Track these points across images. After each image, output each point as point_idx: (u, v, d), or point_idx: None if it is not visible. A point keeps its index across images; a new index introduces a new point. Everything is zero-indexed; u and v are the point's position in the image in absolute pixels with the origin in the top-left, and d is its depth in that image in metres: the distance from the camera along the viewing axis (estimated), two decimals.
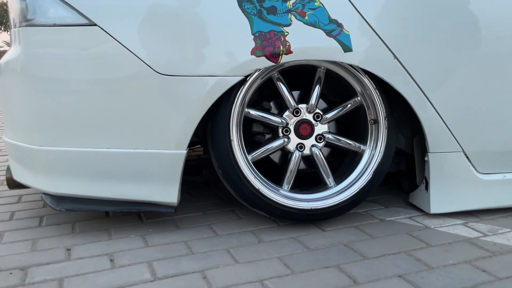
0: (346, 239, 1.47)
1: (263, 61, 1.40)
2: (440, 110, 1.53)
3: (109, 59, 1.38)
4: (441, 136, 1.56)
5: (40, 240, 1.50)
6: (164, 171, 1.45)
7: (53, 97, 1.40)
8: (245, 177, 1.50)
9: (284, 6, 1.41)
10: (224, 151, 1.48)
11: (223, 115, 1.48)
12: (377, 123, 1.59)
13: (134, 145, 1.42)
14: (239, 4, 1.39)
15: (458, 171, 1.61)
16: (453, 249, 1.38)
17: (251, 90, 1.51)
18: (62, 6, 1.36)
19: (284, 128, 1.60)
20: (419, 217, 1.65)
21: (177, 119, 1.41)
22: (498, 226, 1.56)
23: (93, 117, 1.40)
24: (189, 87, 1.39)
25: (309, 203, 1.55)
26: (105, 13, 1.36)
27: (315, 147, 1.61)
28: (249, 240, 1.47)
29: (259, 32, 1.39)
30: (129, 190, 1.46)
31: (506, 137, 1.62)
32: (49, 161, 1.44)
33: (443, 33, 1.50)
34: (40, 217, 1.72)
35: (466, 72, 1.53)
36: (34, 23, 1.38)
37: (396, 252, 1.37)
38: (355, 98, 1.61)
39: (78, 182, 1.44)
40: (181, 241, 1.47)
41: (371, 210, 1.74)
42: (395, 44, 1.46)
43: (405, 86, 1.50)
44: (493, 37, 1.54)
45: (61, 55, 1.39)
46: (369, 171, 1.59)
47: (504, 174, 1.65)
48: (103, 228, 1.59)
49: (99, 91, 1.39)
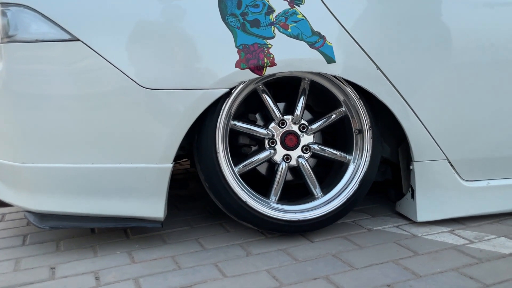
0: (334, 249, 1.47)
1: (247, 74, 1.41)
2: (423, 119, 1.55)
3: (93, 74, 1.37)
4: (425, 144, 1.58)
5: (23, 259, 1.47)
6: (150, 185, 1.43)
7: (36, 113, 1.38)
8: (232, 189, 1.49)
9: (267, 19, 1.42)
10: (210, 164, 1.48)
11: (209, 128, 1.48)
12: (362, 133, 1.61)
13: (119, 160, 1.41)
14: (222, 18, 1.40)
15: (443, 179, 1.62)
16: (441, 257, 1.39)
17: (237, 103, 1.52)
18: (45, 22, 1.36)
19: (270, 139, 1.60)
20: (406, 226, 1.66)
21: (162, 132, 1.40)
22: (484, 233, 1.57)
23: (77, 133, 1.38)
24: (174, 101, 1.39)
25: (296, 214, 1.54)
26: (88, 28, 1.36)
27: (301, 158, 1.61)
28: (237, 253, 1.46)
29: (243, 45, 1.40)
30: (114, 205, 1.44)
31: (488, 144, 1.64)
32: (32, 178, 1.41)
33: (424, 44, 1.53)
34: (24, 236, 1.68)
35: (447, 81, 1.56)
36: (16, 39, 1.37)
37: (384, 262, 1.37)
38: (340, 109, 1.62)
39: (62, 199, 1.42)
40: (168, 257, 1.45)
41: (359, 219, 1.74)
42: (378, 55, 1.49)
43: (388, 96, 1.52)
44: (473, 47, 1.57)
45: (44, 70, 1.38)
46: (355, 180, 1.60)
47: (488, 181, 1.67)
48: (88, 245, 1.56)
49: (83, 107, 1.38)
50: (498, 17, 1.58)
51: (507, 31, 1.59)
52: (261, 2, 1.42)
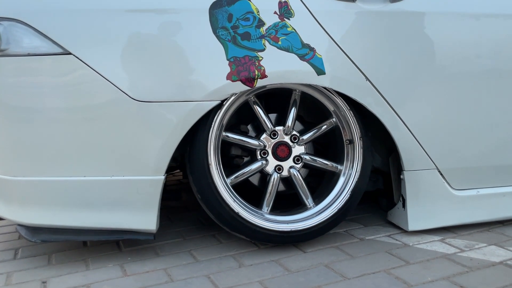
0: (327, 259, 1.47)
1: (239, 86, 1.43)
2: (413, 129, 1.58)
3: (85, 87, 1.38)
4: (415, 154, 1.60)
5: (15, 273, 1.46)
6: (142, 197, 1.44)
7: (27, 126, 1.38)
8: (224, 201, 1.50)
9: (257, 32, 1.44)
10: (203, 175, 1.48)
11: (201, 139, 1.48)
12: (353, 143, 1.62)
13: (111, 172, 1.41)
14: (213, 31, 1.41)
15: (433, 188, 1.64)
16: (432, 266, 1.40)
17: (228, 114, 1.53)
18: (36, 36, 1.36)
19: (262, 150, 1.61)
20: (397, 235, 1.67)
21: (155, 145, 1.41)
22: (474, 241, 1.59)
23: (69, 146, 1.39)
24: (166, 113, 1.40)
25: (289, 225, 1.55)
26: (79, 42, 1.37)
27: (293, 169, 1.62)
28: (230, 264, 1.46)
29: (234, 58, 1.42)
30: (106, 218, 1.44)
31: (477, 154, 1.66)
32: (24, 191, 1.41)
33: (412, 55, 1.55)
34: (15, 250, 1.67)
35: (435, 91, 1.59)
36: (8, 53, 1.37)
37: (376, 271, 1.38)
38: (331, 119, 1.64)
39: (54, 212, 1.42)
40: (160, 269, 1.45)
41: (351, 229, 1.75)
42: (367, 66, 1.51)
43: (377, 107, 1.54)
44: (459, 58, 1.60)
45: (36, 84, 1.38)
46: (346, 190, 1.61)
47: (478, 190, 1.69)
48: (80, 258, 1.55)
49: (74, 119, 1.39)
50: (483, 29, 1.61)
51: (493, 42, 1.62)
52: (252, 15, 1.44)
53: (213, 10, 1.41)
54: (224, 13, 1.42)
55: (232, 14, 1.43)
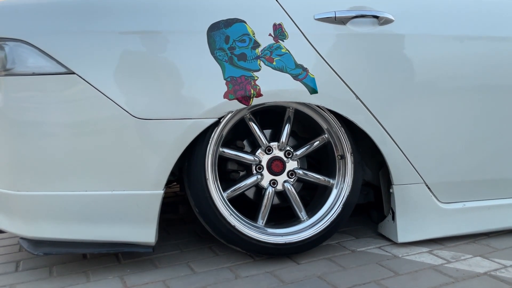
0: (320, 271, 1.53)
1: (235, 104, 1.49)
2: (401, 145, 1.65)
3: (88, 105, 1.43)
4: (403, 169, 1.67)
5: (17, 285, 1.49)
6: (141, 211, 1.49)
7: (31, 143, 1.43)
8: (221, 214, 1.55)
9: (253, 53, 1.51)
10: (200, 190, 1.54)
11: (199, 155, 1.55)
12: (344, 158, 1.69)
13: (111, 187, 1.46)
14: (211, 52, 1.48)
15: (421, 201, 1.71)
16: (419, 277, 1.46)
17: (225, 131, 1.59)
18: (41, 56, 1.42)
19: (257, 165, 1.67)
20: (388, 247, 1.73)
21: (154, 160, 1.47)
22: (461, 253, 1.66)
23: (72, 162, 1.44)
24: (165, 130, 1.46)
25: (283, 238, 1.61)
26: (82, 62, 1.43)
27: (287, 183, 1.69)
28: (226, 276, 1.52)
29: (230, 77, 1.49)
30: (106, 231, 1.48)
31: (462, 168, 1.74)
32: (27, 205, 1.46)
33: (400, 74, 1.63)
34: (17, 262, 1.71)
35: (422, 109, 1.66)
36: (13, 72, 1.43)
37: (366, 282, 1.43)
38: (323, 135, 1.71)
39: (56, 226, 1.46)
40: (159, 281, 1.49)
41: (343, 241, 1.81)
42: (357, 86, 1.58)
43: (367, 124, 1.61)
44: (445, 77, 1.68)
45: (40, 102, 1.43)
46: (338, 204, 1.68)
47: (464, 203, 1.77)
48: (80, 270, 1.60)
49: (77, 136, 1.44)
50: (467, 50, 1.70)
51: (476, 62, 1.70)
52: (248, 37, 1.52)
53: (211, 32, 1.48)
54: (222, 35, 1.49)
55: (229, 36, 1.50)
